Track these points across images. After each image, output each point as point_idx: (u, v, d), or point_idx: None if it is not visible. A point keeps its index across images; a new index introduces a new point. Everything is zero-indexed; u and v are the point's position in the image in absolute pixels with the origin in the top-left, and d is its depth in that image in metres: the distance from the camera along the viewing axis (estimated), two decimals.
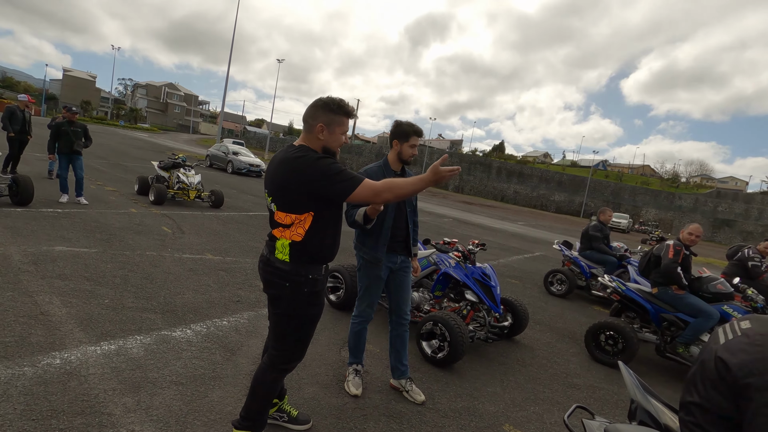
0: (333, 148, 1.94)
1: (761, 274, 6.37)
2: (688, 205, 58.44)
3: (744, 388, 1.32)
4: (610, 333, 4.18)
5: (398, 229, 2.81)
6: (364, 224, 2.56)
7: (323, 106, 1.90)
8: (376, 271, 2.78)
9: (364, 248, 2.78)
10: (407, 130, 2.70)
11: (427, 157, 64.59)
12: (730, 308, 4.08)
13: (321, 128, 1.88)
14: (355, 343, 2.94)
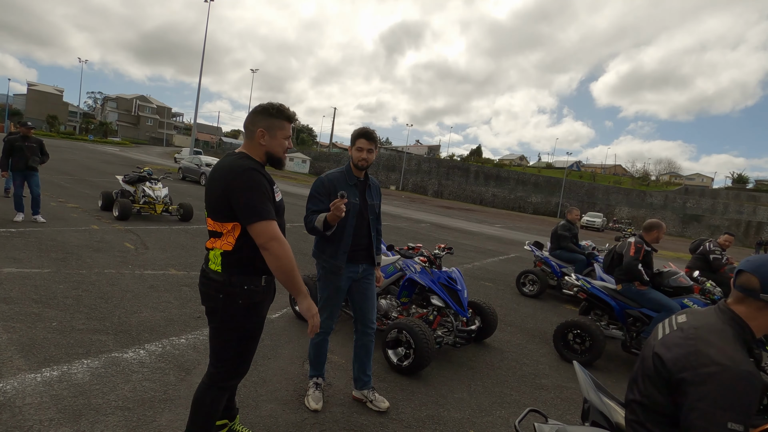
0: (276, 154, 1.90)
1: (722, 267, 6.57)
2: (659, 202, 60.41)
3: (678, 383, 1.30)
4: (578, 331, 4.21)
5: (360, 237, 2.71)
6: (323, 231, 2.49)
7: (262, 111, 1.87)
8: (336, 282, 2.68)
9: (324, 256, 2.68)
10: (353, 134, 2.69)
11: (405, 163, 64.98)
12: (690, 301, 4.17)
13: (262, 133, 1.85)
14: (316, 356, 2.84)
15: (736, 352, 1.25)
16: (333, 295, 2.73)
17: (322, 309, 2.76)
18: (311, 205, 2.60)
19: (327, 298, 2.74)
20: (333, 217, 2.41)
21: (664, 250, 23.70)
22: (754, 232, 47.93)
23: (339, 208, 2.35)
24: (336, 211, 2.36)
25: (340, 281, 2.68)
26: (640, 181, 75.36)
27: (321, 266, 2.73)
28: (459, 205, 44.96)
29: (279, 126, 1.87)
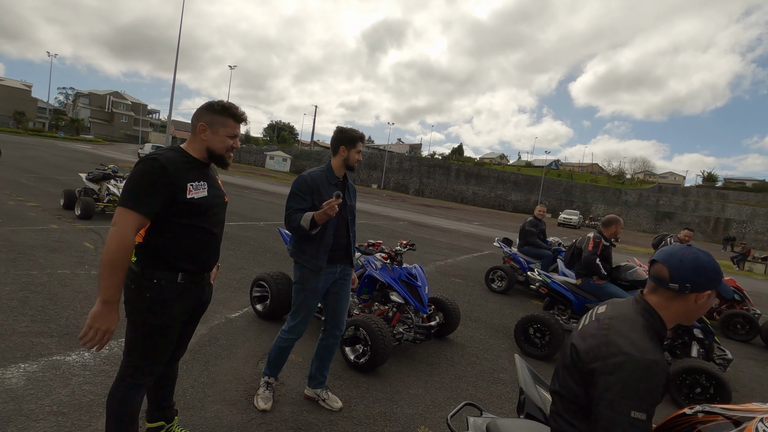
0: (217, 150, 1.86)
1: None
2: (633, 199, 62.05)
3: (590, 373, 1.31)
4: (538, 326, 4.26)
5: (340, 237, 2.68)
6: (309, 230, 2.43)
7: (206, 107, 1.86)
8: (314, 283, 2.62)
9: (304, 256, 2.59)
10: (354, 136, 2.62)
11: (386, 161, 64.99)
12: None
13: (203, 128, 1.83)
14: (277, 358, 2.75)
15: (643, 341, 1.26)
16: (310, 298, 2.66)
17: (297, 313, 2.68)
18: (293, 204, 2.52)
19: (303, 301, 2.66)
20: (323, 217, 2.37)
21: (636, 246, 24.37)
22: (722, 229, 49.71)
23: (333, 208, 2.34)
24: (329, 211, 2.34)
25: (319, 282, 2.63)
26: (616, 179, 77.27)
27: (300, 267, 2.63)
28: (439, 204, 45.22)
29: (222, 123, 1.84)
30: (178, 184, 1.73)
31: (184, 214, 1.77)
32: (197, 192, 1.80)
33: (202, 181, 1.83)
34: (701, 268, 1.29)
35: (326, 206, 2.35)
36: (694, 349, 3.95)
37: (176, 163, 1.74)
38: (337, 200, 2.35)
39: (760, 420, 1.23)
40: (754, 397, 4.04)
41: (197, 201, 1.79)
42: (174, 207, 1.74)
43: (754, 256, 19.09)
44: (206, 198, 1.83)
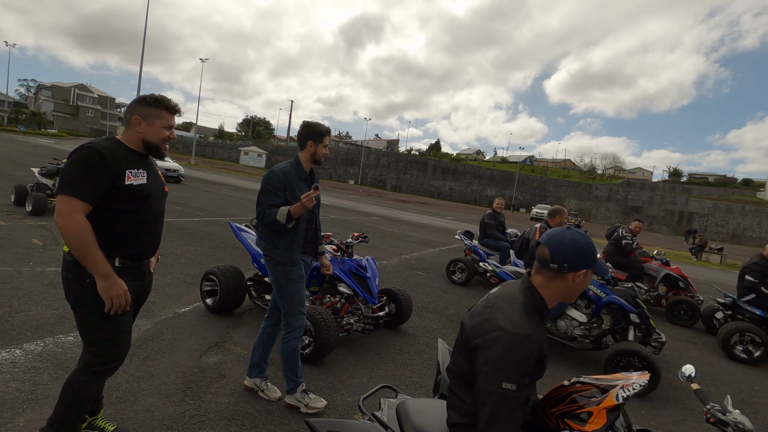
0: (154, 141, 1.94)
1: (633, 251, 7.04)
2: (604, 194, 63.96)
3: (473, 349, 1.38)
4: None
5: (309, 231, 2.76)
6: (285, 224, 2.45)
7: (139, 100, 1.94)
8: (298, 271, 2.66)
9: (278, 251, 2.60)
10: (321, 131, 2.65)
11: (364, 157, 64.87)
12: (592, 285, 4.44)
13: (137, 120, 1.90)
14: (294, 361, 2.69)
15: (519, 317, 1.33)
16: (300, 288, 2.68)
17: (292, 308, 2.64)
18: (266, 200, 2.53)
19: (295, 293, 2.64)
20: (299, 210, 2.41)
21: (603, 239, 25.16)
22: (686, 222, 51.71)
23: (312, 200, 2.39)
24: (308, 204, 2.38)
25: (301, 269, 2.69)
26: (587, 174, 79.43)
27: (275, 262, 2.62)
28: (416, 199, 45.47)
29: (157, 115, 1.91)
30: (117, 171, 1.78)
31: (123, 200, 1.81)
32: (136, 179, 1.85)
33: (141, 170, 1.89)
34: (577, 249, 1.37)
35: (305, 199, 2.39)
36: (631, 333, 4.14)
37: (113, 151, 1.80)
38: (315, 192, 2.43)
39: (620, 387, 1.32)
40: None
41: (135, 188, 1.84)
42: (113, 193, 1.78)
43: (711, 247, 20.01)
44: (145, 185, 1.89)
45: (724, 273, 15.92)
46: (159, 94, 1.95)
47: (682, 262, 17.91)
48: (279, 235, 2.58)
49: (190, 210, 11.31)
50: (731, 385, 4.22)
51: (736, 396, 3.97)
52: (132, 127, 1.90)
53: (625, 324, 4.23)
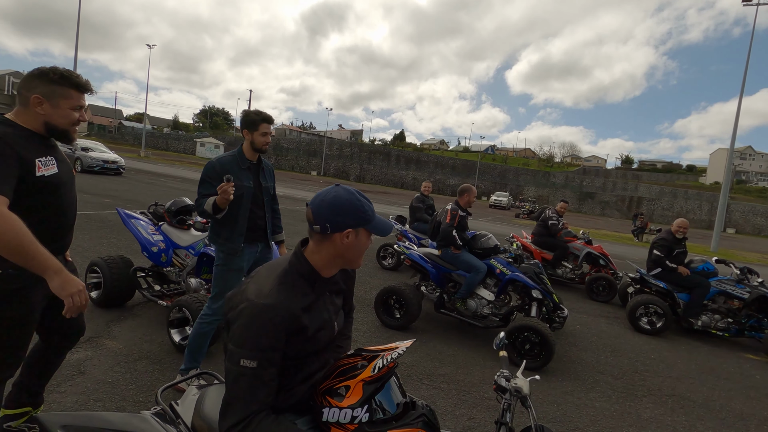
0: (60, 126, 1.69)
1: (558, 231, 7.21)
2: (561, 181, 66.31)
3: (228, 325, 1.25)
4: (395, 297, 4.31)
5: (257, 219, 2.77)
6: (213, 214, 2.50)
7: (40, 75, 1.64)
8: (238, 263, 2.69)
9: (220, 240, 2.67)
10: (255, 119, 2.67)
11: (326, 148, 64.05)
12: (496, 261, 4.46)
13: (38, 100, 1.63)
14: (200, 345, 2.72)
15: (269, 286, 1.20)
16: (235, 278, 2.69)
17: (222, 293, 2.67)
18: (202, 190, 2.60)
19: (228, 282, 2.68)
20: (222, 201, 2.43)
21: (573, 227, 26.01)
22: (635, 206, 54.36)
23: (227, 192, 2.40)
24: (224, 195, 2.40)
25: (242, 261, 2.71)
26: (546, 163, 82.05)
27: (219, 250, 2.70)
28: (378, 189, 45.41)
29: (63, 94, 1.66)
30: (27, 161, 1.56)
31: (34, 193, 1.61)
32: (47, 169, 1.64)
33: (49, 156, 1.67)
34: (338, 207, 1.25)
35: (219, 190, 2.41)
36: (534, 309, 4.19)
37: (16, 137, 1.57)
38: (228, 184, 2.41)
39: (381, 357, 1.23)
40: (588, 349, 4.39)
41: (48, 179, 1.64)
42: (22, 187, 1.56)
43: (651, 229, 21.12)
44: (57, 175, 1.70)
45: None
46: (65, 69, 1.68)
47: (624, 243, 18.80)
48: (221, 224, 2.64)
49: (120, 202, 10.67)
50: (628, 355, 4.37)
51: (630, 364, 4.11)
52: (30, 107, 1.62)
53: (528, 300, 4.27)
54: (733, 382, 4.00)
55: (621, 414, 3.15)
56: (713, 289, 5.24)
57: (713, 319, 5.23)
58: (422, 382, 3.23)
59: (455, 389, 3.20)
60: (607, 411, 3.17)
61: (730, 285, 5.19)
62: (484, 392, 3.20)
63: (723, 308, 5.28)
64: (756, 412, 3.46)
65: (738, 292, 5.13)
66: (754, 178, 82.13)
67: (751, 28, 19.84)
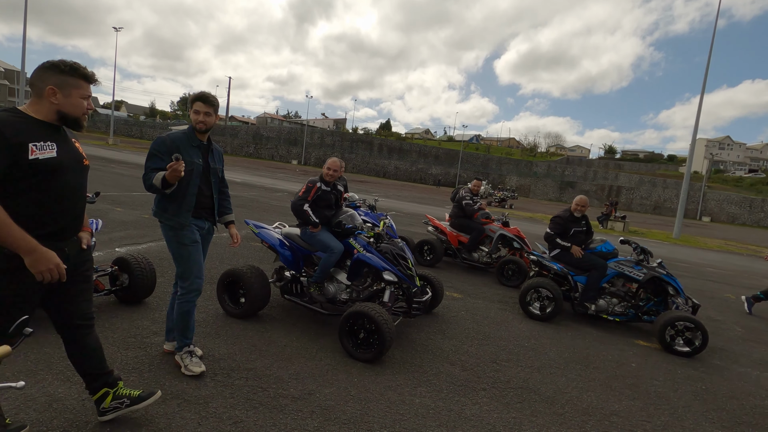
0: (72, 114, 1.83)
1: (474, 212, 6.78)
2: (543, 171, 66.37)
3: None
4: (233, 281, 3.84)
5: (204, 197, 2.79)
6: (162, 189, 2.50)
7: (51, 67, 1.79)
8: (189, 236, 2.69)
9: (166, 215, 2.68)
10: (190, 98, 2.76)
11: (308, 136, 63.03)
12: (355, 241, 3.99)
13: (52, 91, 1.77)
14: (185, 324, 2.80)
15: None
16: (193, 250, 2.72)
17: (188, 270, 2.72)
18: (151, 164, 2.59)
19: (189, 255, 2.71)
20: (172, 177, 2.42)
21: (534, 212, 25.81)
22: (615, 194, 54.65)
23: (177, 170, 2.39)
24: (174, 172, 2.39)
25: (193, 233, 2.73)
26: (529, 152, 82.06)
27: (165, 225, 2.72)
28: (357, 178, 44.81)
29: (75, 85, 1.81)
30: (17, 145, 1.64)
31: (29, 176, 1.69)
32: (42, 152, 1.72)
33: (50, 142, 1.76)
34: None
35: (169, 168, 2.40)
36: (387, 293, 3.75)
37: (11, 123, 1.66)
38: (178, 163, 2.39)
39: None
40: (456, 337, 3.97)
41: (42, 161, 1.71)
42: (15, 170, 1.65)
43: (615, 216, 20.96)
44: (54, 159, 1.76)
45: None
46: (72, 61, 1.82)
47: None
48: (168, 199, 2.64)
49: None
50: (499, 343, 3.96)
51: (494, 353, 3.70)
52: (45, 98, 1.76)
53: (384, 285, 3.83)
54: (601, 372, 3.62)
55: (439, 411, 2.73)
56: (611, 271, 4.86)
57: (611, 303, 4.86)
58: (214, 378, 2.76)
59: (247, 386, 2.74)
60: (424, 408, 2.74)
61: (628, 266, 4.81)
62: (284, 389, 2.75)
63: (621, 291, 4.91)
64: (606, 405, 3.07)
65: (635, 273, 4.75)
66: (731, 168, 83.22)
67: (725, 21, 19.56)
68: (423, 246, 6.77)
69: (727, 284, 8.87)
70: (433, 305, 4.48)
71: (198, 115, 2.68)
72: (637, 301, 4.85)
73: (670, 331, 4.23)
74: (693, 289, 7.76)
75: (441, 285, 4.49)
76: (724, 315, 6.05)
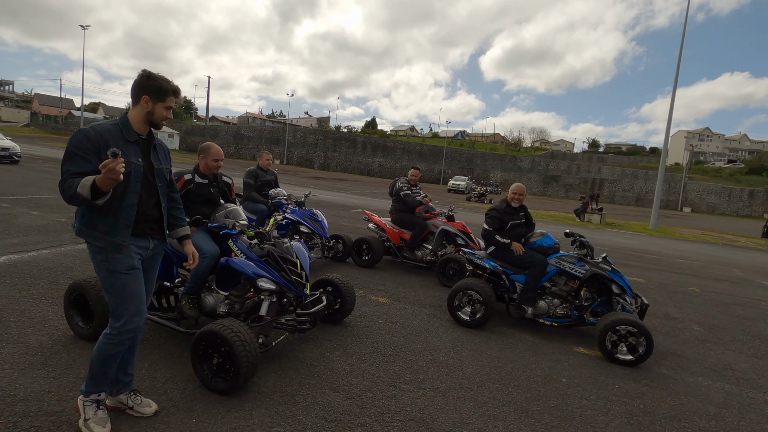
0: None
1: (416, 206, 6.18)
2: (527, 165, 66.35)
3: None
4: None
5: (148, 208, 2.18)
6: (92, 200, 1.85)
7: None
8: (126, 261, 2.08)
9: (96, 233, 2.04)
10: (164, 87, 2.11)
11: (290, 135, 61.99)
12: (234, 243, 3.33)
13: None
14: (105, 367, 2.15)
15: None
16: (132, 280, 2.11)
17: (122, 303, 2.10)
18: (70, 167, 1.93)
19: (121, 290, 2.09)
20: (105, 182, 1.79)
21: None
22: (598, 187, 54.73)
23: (114, 171, 1.75)
24: (110, 174, 1.76)
25: (131, 259, 2.11)
26: (513, 147, 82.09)
27: (95, 247, 2.07)
28: (339, 176, 44.04)
29: None
30: None
31: None
32: None
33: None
34: None
35: (103, 168, 1.76)
36: (265, 305, 3.10)
37: None
38: (116, 161, 1.75)
39: None
40: (354, 348, 3.34)
41: None
42: None
43: (592, 208, 20.61)
44: None
45: (600, 231, 16.24)
46: None
47: (565, 223, 18.16)
48: (98, 213, 2.02)
49: None
50: (407, 359, 3.34)
51: (403, 373, 3.08)
52: None
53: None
54: (522, 392, 3.01)
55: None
56: (552, 268, 4.27)
57: (552, 304, 4.28)
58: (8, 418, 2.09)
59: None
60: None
61: (569, 262, 4.23)
62: None
63: (563, 291, 4.33)
64: None
65: (576, 270, 4.18)
66: (711, 159, 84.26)
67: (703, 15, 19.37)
68: (361, 245, 6.14)
69: (695, 276, 8.41)
70: (341, 314, 3.85)
71: (168, 111, 2.16)
72: (581, 301, 4.28)
73: (612, 337, 3.66)
74: (657, 282, 7.27)
75: (351, 290, 3.86)
76: (683, 312, 5.53)
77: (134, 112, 2.12)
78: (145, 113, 2.11)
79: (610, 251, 10.76)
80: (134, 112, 2.12)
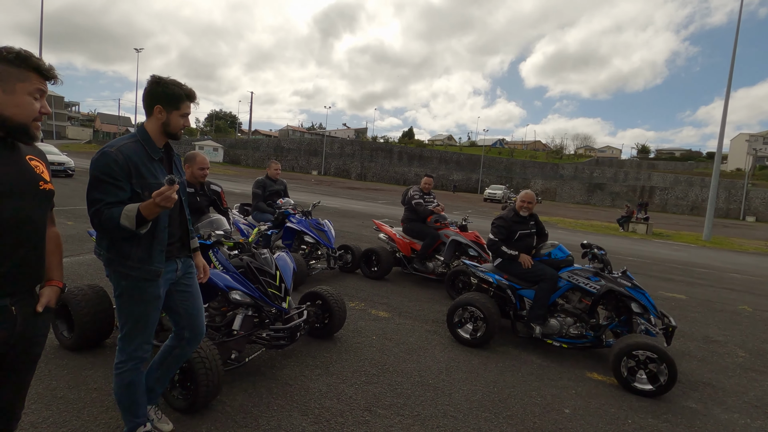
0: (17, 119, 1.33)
1: (428, 215, 5.94)
2: (569, 173, 63.68)
3: None
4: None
5: (173, 227, 2.04)
6: (137, 229, 1.72)
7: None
8: (154, 290, 1.95)
9: (131, 263, 1.87)
10: (177, 93, 1.92)
11: (327, 147, 63.25)
12: (213, 254, 3.24)
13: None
14: (131, 398, 2.05)
15: None
16: (152, 310, 1.98)
17: (132, 334, 1.98)
18: (103, 196, 1.77)
19: (139, 318, 1.97)
20: (154, 210, 1.69)
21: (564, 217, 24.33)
22: (647, 195, 51.54)
23: (171, 199, 1.66)
24: (165, 203, 1.66)
25: (159, 288, 1.97)
26: (554, 154, 79.18)
27: (126, 276, 1.90)
28: (374, 186, 44.30)
29: (20, 77, 1.33)
30: None
31: None
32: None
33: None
34: None
35: (159, 198, 1.64)
36: (238, 319, 2.97)
37: None
38: (170, 188, 1.64)
39: None
40: (338, 367, 3.13)
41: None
42: None
43: (637, 217, 19.28)
44: None
45: (645, 242, 15.13)
46: (23, 49, 1.34)
47: (608, 234, 17.09)
48: (130, 241, 1.85)
49: None
50: (392, 380, 3.09)
51: (384, 396, 2.84)
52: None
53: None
54: (514, 424, 2.67)
55: None
56: (564, 283, 3.88)
57: (565, 323, 3.87)
58: None
59: None
60: None
61: (583, 277, 3.82)
62: None
63: (578, 309, 3.91)
64: None
65: (590, 286, 3.76)
66: None
67: (767, 9, 17.88)
68: (369, 255, 5.95)
69: (749, 292, 7.50)
70: (330, 329, 3.67)
71: (185, 119, 1.98)
72: (598, 320, 3.85)
73: (629, 362, 3.23)
74: (701, 299, 6.53)
75: (341, 304, 3.68)
76: (727, 333, 4.87)
77: (150, 125, 1.95)
78: (161, 125, 1.94)
79: (651, 264, 9.91)
80: (150, 125, 1.95)
